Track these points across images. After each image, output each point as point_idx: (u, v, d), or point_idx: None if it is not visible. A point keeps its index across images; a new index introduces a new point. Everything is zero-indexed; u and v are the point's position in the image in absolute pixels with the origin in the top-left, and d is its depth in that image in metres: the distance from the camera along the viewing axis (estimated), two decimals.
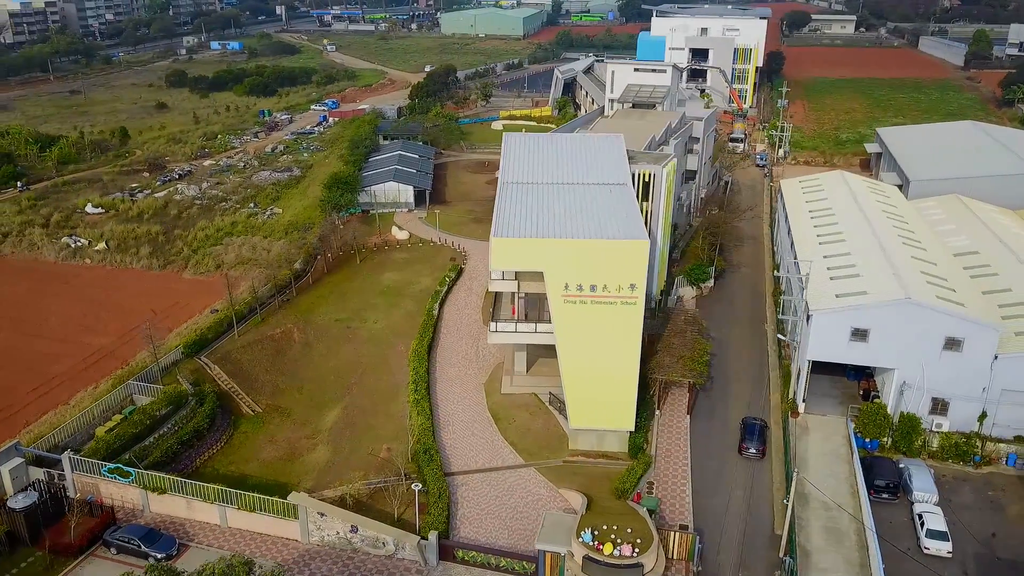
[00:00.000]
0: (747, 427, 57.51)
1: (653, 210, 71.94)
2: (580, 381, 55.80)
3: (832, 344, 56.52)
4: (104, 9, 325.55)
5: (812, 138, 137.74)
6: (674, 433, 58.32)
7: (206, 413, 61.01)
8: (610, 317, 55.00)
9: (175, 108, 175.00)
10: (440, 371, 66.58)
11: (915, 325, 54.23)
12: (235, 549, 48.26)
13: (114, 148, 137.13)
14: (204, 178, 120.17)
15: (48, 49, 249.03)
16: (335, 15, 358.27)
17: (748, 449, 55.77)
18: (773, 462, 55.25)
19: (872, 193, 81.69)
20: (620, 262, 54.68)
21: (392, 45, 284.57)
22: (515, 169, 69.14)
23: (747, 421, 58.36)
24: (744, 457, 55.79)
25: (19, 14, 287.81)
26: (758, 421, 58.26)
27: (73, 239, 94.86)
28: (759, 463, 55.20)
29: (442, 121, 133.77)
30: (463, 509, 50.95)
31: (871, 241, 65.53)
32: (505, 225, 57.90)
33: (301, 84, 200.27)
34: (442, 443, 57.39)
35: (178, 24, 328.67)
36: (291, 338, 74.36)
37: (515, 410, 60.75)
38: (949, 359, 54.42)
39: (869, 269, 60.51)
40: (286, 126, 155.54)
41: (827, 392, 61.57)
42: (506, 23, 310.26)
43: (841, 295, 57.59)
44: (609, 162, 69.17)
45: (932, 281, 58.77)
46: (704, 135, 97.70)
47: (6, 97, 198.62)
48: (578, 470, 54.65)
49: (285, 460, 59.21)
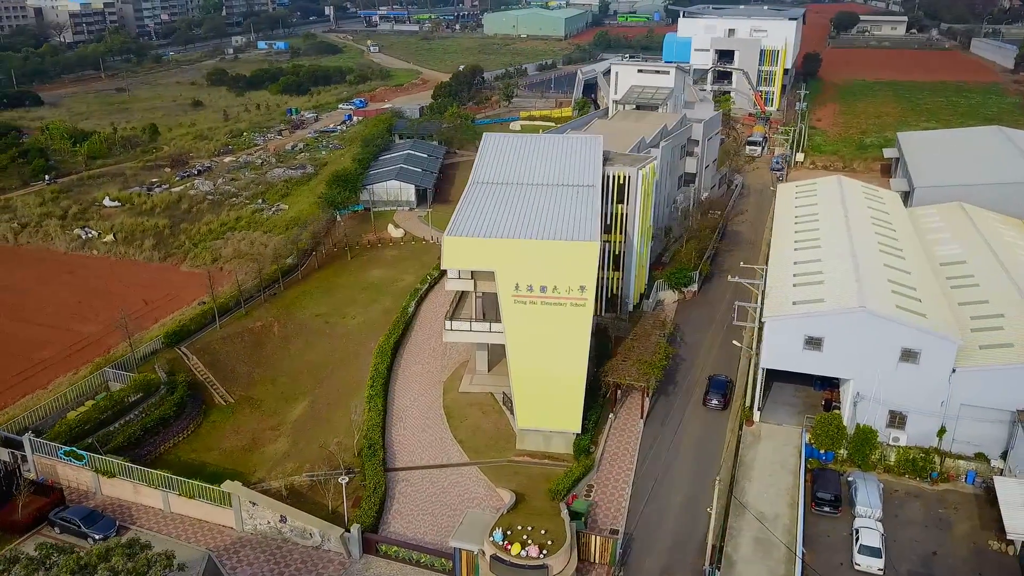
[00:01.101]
0: (713, 382, 62.77)
1: (629, 212, 71.42)
2: (528, 381, 55.88)
3: (786, 352, 55.37)
4: (160, 9, 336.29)
5: (834, 142, 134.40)
6: (625, 437, 57.85)
7: (173, 402, 62.87)
8: (559, 318, 54.98)
9: (210, 106, 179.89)
10: (404, 367, 67.29)
11: (870, 335, 52.76)
12: (173, 534, 49.81)
13: (143, 144, 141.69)
14: (221, 174, 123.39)
15: (102, 48, 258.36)
16: (382, 15, 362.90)
17: (711, 401, 61.24)
18: (722, 471, 54.31)
19: (866, 199, 79.50)
20: (570, 263, 54.64)
21: (433, 45, 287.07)
22: (488, 169, 69.55)
23: (713, 377, 63.63)
24: (708, 408, 61.05)
25: (79, 14, 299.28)
26: (723, 376, 63.38)
27: (85, 231, 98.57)
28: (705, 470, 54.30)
29: (455, 121, 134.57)
30: (398, 504, 51.51)
31: (845, 248, 63.86)
32: (460, 224, 58.34)
33: (335, 83, 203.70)
34: (391, 439, 58.09)
35: (230, 24, 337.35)
36: (270, 332, 75.98)
37: (469, 408, 61.04)
38: (906, 371, 52.80)
39: (834, 277, 59.03)
40: (311, 124, 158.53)
41: (788, 401, 60.29)
42: (548, 24, 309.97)
43: (798, 302, 56.35)
44: (582, 164, 68.92)
45: (898, 291, 57.04)
46: (705, 138, 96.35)
47: (57, 94, 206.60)
48: (520, 470, 54.67)
49: (245, 450, 60.66)
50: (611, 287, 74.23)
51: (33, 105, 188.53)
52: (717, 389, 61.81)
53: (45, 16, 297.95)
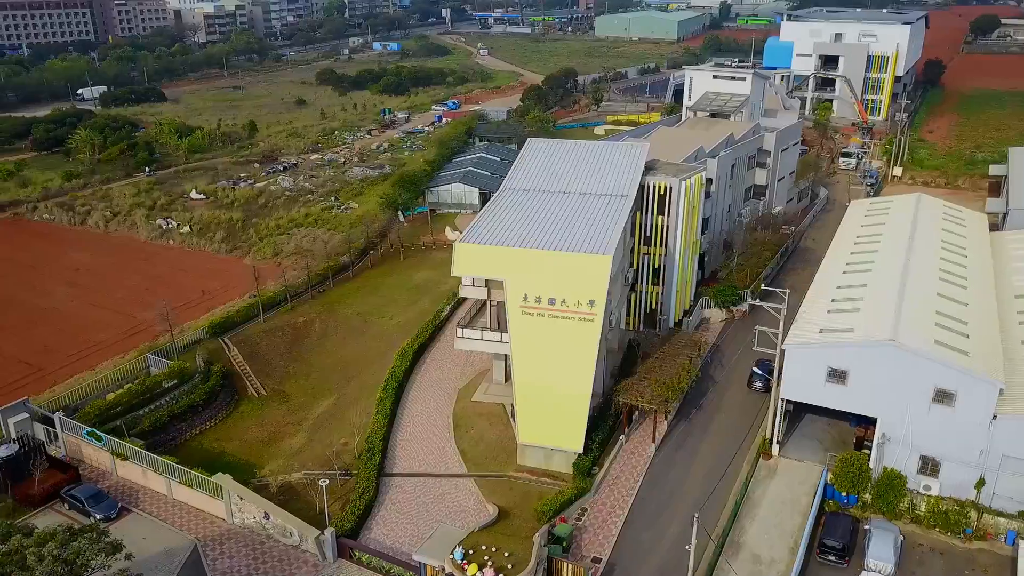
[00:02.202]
0: (760, 363, 63.29)
1: (670, 225, 68.37)
2: (532, 395, 54.34)
3: (808, 383, 51.24)
4: (287, 12, 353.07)
5: (940, 156, 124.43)
6: (633, 461, 55.19)
7: (204, 391, 65.10)
8: (567, 333, 53.28)
9: (312, 104, 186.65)
10: (425, 371, 67.01)
11: (900, 371, 48.02)
12: (169, 520, 51.43)
13: (241, 140, 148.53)
14: (304, 171, 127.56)
15: (227, 48, 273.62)
16: (496, 18, 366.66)
17: (755, 383, 63.08)
18: (727, 507, 50.70)
19: (943, 220, 72.79)
20: (580, 276, 52.89)
21: (541, 48, 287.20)
22: (523, 175, 68.31)
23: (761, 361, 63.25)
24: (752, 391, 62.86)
25: (212, 16, 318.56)
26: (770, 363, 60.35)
27: (167, 221, 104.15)
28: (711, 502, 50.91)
29: (536, 125, 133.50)
30: (385, 511, 51.15)
31: (897, 274, 58.51)
32: (475, 231, 57.55)
33: (435, 84, 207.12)
34: (395, 443, 57.84)
35: (350, 26, 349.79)
36: (311, 327, 77.60)
37: (477, 418, 60.00)
38: (939, 414, 47.73)
39: (873, 304, 54.16)
40: (401, 125, 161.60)
41: (816, 435, 55.88)
42: (660, 26, 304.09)
43: (826, 330, 52.01)
44: (620, 173, 66.60)
45: (944, 324, 51.67)
46: (778, 149, 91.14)
47: (181, 91, 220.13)
48: (516, 486, 53.16)
49: (265, 443, 62.02)
50: (650, 302, 71.37)
51: (157, 101, 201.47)
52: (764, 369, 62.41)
53: (183, 18, 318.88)
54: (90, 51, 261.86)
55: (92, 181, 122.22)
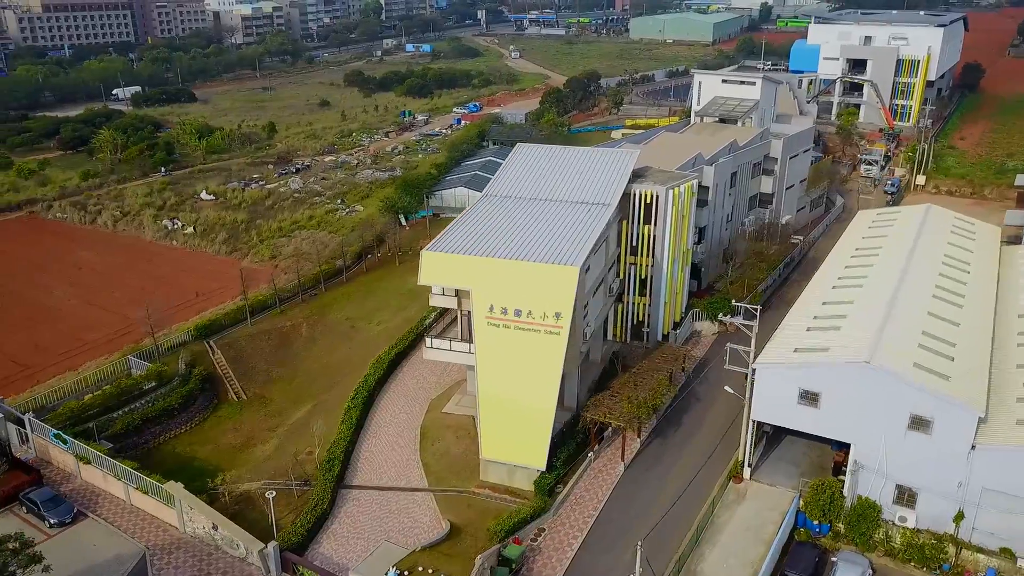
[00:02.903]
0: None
1: (657, 234, 66.22)
2: (495, 409, 52.85)
3: (779, 405, 48.81)
4: (323, 13, 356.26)
5: (968, 165, 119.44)
6: (600, 481, 53.26)
7: (181, 394, 64.93)
8: (532, 346, 51.73)
9: (336, 106, 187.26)
10: (400, 380, 65.90)
11: (875, 394, 45.39)
12: (124, 526, 50.99)
13: (260, 141, 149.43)
14: (317, 173, 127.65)
15: (261, 49, 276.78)
16: (531, 19, 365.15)
17: None
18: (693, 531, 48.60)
19: (951, 233, 69.31)
20: (547, 288, 51.29)
21: (573, 50, 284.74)
22: (506, 182, 66.89)
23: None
24: None
25: (250, 18, 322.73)
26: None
27: (173, 222, 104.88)
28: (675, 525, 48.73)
29: (549, 129, 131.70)
30: (338, 524, 50.07)
31: (888, 290, 55.58)
32: (445, 239, 56.30)
33: (460, 87, 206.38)
34: (358, 454, 56.78)
35: (386, 27, 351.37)
36: (299, 332, 77.05)
37: (445, 431, 58.63)
38: (916, 441, 44.99)
39: (856, 322, 51.43)
40: (421, 127, 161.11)
41: (793, 459, 53.27)
42: (695, 28, 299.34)
43: (801, 349, 49.48)
44: (605, 180, 64.72)
45: (929, 345, 48.79)
46: (786, 155, 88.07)
47: (212, 91, 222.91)
48: (475, 503, 51.69)
49: (237, 449, 61.56)
50: (637, 313, 69.28)
51: (187, 101, 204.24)
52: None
53: (222, 20, 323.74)
54: (129, 52, 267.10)
55: (108, 180, 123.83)
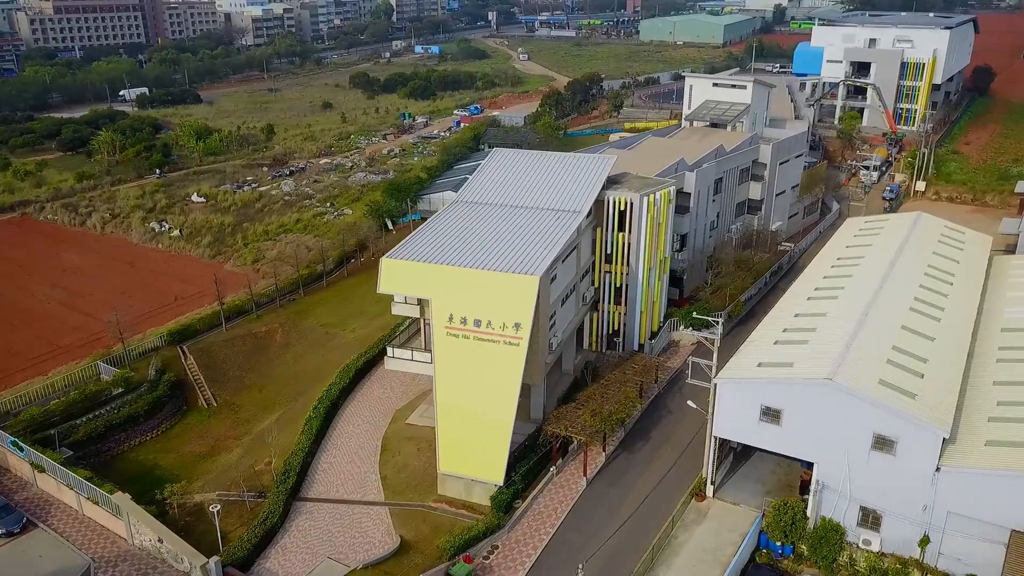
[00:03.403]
0: None
1: (632, 242, 64.69)
2: (453, 422, 51.59)
3: (740, 422, 47.16)
4: (334, 15, 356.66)
5: (971, 170, 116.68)
6: (560, 496, 51.80)
7: (148, 401, 64.20)
8: (491, 357, 50.50)
9: (339, 108, 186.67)
10: (366, 389, 64.73)
11: (837, 413, 43.67)
12: (72, 537, 50.12)
13: (257, 143, 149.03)
14: (311, 176, 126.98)
15: (270, 51, 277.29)
16: (542, 21, 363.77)
17: None
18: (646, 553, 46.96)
19: (938, 243, 67.21)
20: (507, 297, 50.05)
21: (582, 52, 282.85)
22: (479, 187, 65.61)
23: None
24: None
25: (260, 19, 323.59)
26: None
27: (161, 225, 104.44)
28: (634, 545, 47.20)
29: (544, 132, 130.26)
30: (288, 539, 48.94)
31: (863, 302, 53.75)
32: (408, 246, 55.19)
33: (464, 88, 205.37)
34: (317, 465, 55.65)
35: (397, 29, 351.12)
36: (273, 338, 76.18)
37: (407, 443, 57.40)
38: (880, 462, 43.23)
39: (826, 335, 49.65)
40: (420, 129, 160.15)
41: (760, 477, 51.59)
42: (706, 30, 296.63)
43: (765, 364, 47.80)
44: (578, 186, 63.31)
45: (899, 361, 46.95)
46: (775, 161, 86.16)
47: (217, 93, 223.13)
48: (431, 518, 50.43)
49: (200, 457, 60.76)
50: (612, 322, 67.77)
51: (192, 103, 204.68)
52: None
53: (233, 21, 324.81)
54: (139, 53, 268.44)
55: (103, 182, 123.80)
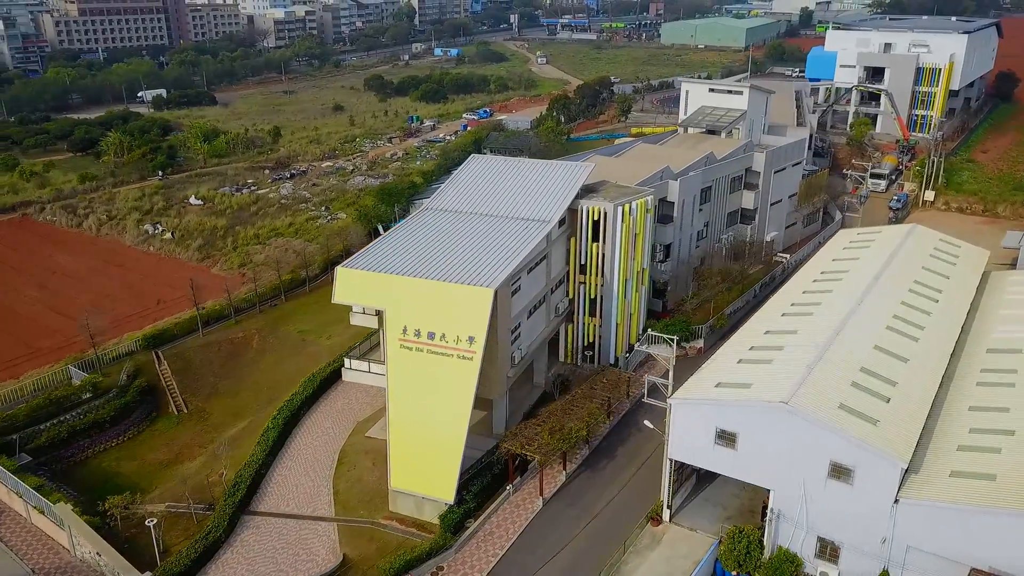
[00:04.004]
0: None
1: (606, 252, 62.84)
2: (405, 438, 50.20)
3: (696, 444, 45.14)
4: (356, 17, 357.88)
5: (986, 180, 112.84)
6: (514, 516, 50.12)
7: (115, 406, 63.69)
8: (444, 371, 49.12)
9: (350, 110, 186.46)
10: (330, 399, 63.44)
11: (793, 438, 41.53)
12: (19, 546, 49.53)
13: (263, 145, 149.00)
14: (311, 179, 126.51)
15: (288, 53, 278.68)
16: (564, 24, 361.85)
17: None
18: None
19: (929, 257, 64.48)
20: (461, 310, 48.65)
21: (602, 55, 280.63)
22: (451, 194, 64.29)
23: None
24: None
25: (282, 22, 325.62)
26: None
27: (155, 227, 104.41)
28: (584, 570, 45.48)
29: (548, 136, 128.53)
30: (230, 554, 47.86)
31: (837, 319, 51.40)
32: (366, 255, 54.12)
33: (476, 92, 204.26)
34: (271, 478, 54.56)
35: (419, 32, 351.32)
36: (250, 344, 75.38)
37: (364, 456, 56.08)
38: (837, 491, 41.00)
39: (791, 355, 47.42)
40: (427, 133, 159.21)
41: (722, 500, 49.49)
42: (727, 34, 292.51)
43: (724, 384, 45.72)
44: (551, 195, 61.71)
45: (865, 384, 44.62)
46: (770, 169, 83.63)
47: (234, 95, 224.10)
48: (379, 536, 49.07)
49: (163, 465, 60.09)
50: (587, 334, 65.95)
51: (208, 104, 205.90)
52: None
53: (255, 23, 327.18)
54: (160, 55, 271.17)
55: (105, 184, 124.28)
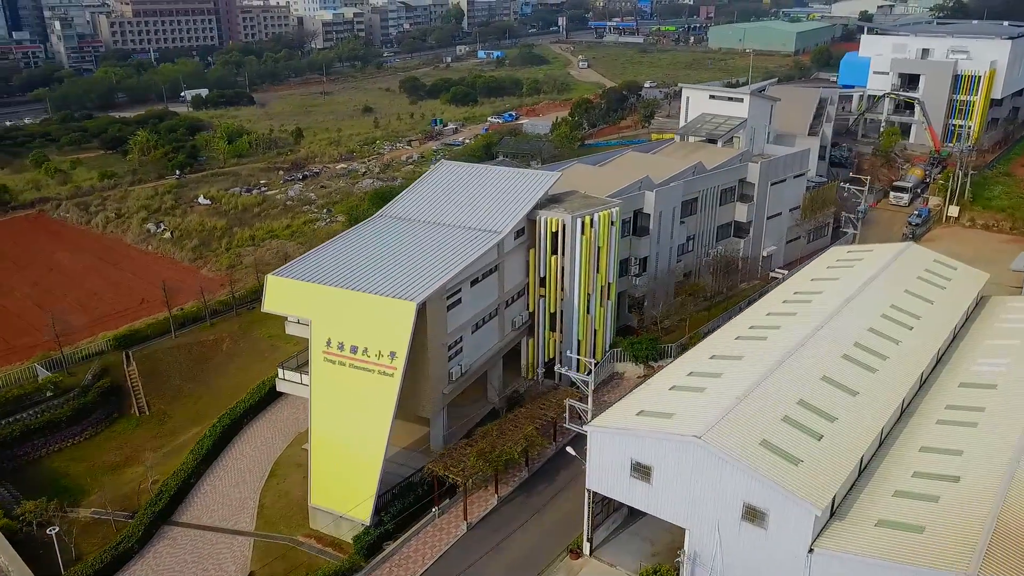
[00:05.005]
0: None
1: (565, 265, 60.24)
2: (326, 454, 48.74)
3: (612, 475, 42.38)
4: (404, 19, 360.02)
5: (1019, 196, 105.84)
6: (434, 541, 48.00)
7: (74, 406, 63.98)
8: (365, 386, 47.54)
9: (379, 112, 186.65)
10: (277, 408, 62.44)
11: (707, 476, 38.49)
12: None
13: (284, 146, 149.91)
14: (323, 181, 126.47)
15: (331, 54, 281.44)
16: (611, 27, 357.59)
17: None
18: None
19: (917, 280, 60.03)
20: (383, 323, 46.97)
21: (645, 59, 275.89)
22: (410, 201, 62.81)
23: None
24: None
25: (330, 23, 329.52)
26: None
27: (158, 226, 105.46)
28: None
29: (559, 141, 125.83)
30: (140, 565, 47.14)
31: (789, 345, 47.89)
32: (301, 262, 52.85)
33: (509, 94, 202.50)
34: (200, 487, 53.62)
35: (467, 33, 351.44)
36: (219, 347, 74.98)
37: (297, 469, 54.65)
38: (751, 535, 37.82)
39: (726, 383, 44.16)
40: (449, 136, 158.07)
41: (651, 535, 46.38)
42: (777, 38, 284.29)
43: (647, 412, 42.78)
44: (507, 205, 59.53)
45: (799, 418, 41.17)
46: (766, 181, 79.57)
47: (273, 95, 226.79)
48: (292, 554, 47.61)
49: (112, 468, 60.11)
50: (548, 350, 63.41)
51: (246, 105, 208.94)
52: None
53: (305, 25, 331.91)
54: (208, 56, 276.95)
55: (123, 182, 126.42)
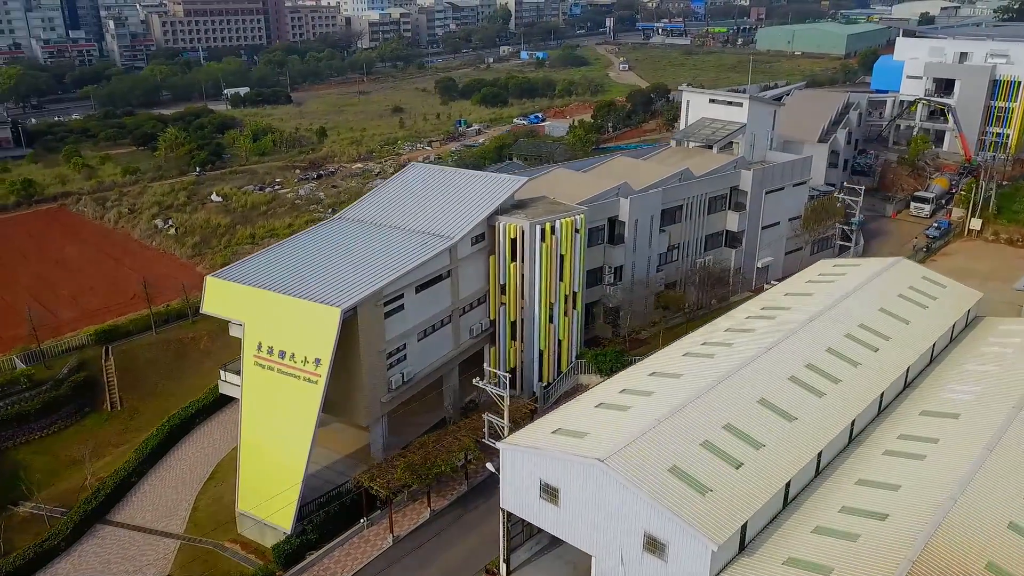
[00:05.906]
0: None
1: (526, 273, 58.52)
2: (254, 459, 48.15)
3: (523, 496, 40.55)
4: (450, 19, 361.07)
5: None
6: (358, 554, 46.91)
7: (43, 399, 64.98)
8: (290, 392, 46.84)
9: (409, 113, 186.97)
10: (232, 410, 61.65)
11: (610, 502, 36.45)
12: None
13: (307, 145, 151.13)
14: (337, 180, 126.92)
15: (374, 54, 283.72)
16: (659, 28, 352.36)
17: None
18: None
19: (897, 298, 56.49)
20: (309, 329, 46.21)
21: (688, 61, 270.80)
22: (371, 203, 61.89)
23: None
24: None
25: (377, 23, 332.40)
26: None
27: (166, 222, 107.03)
28: None
29: (573, 144, 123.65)
30: (64, 564, 47.29)
31: (731, 363, 45.35)
32: (245, 263, 52.49)
33: (540, 96, 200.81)
34: (141, 486, 53.63)
35: (512, 33, 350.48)
36: (198, 345, 75.32)
37: None
38: (653, 568, 35.65)
39: (653, 403, 41.90)
40: (471, 137, 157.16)
41: (577, 559, 44.15)
42: (827, 40, 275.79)
43: (562, 431, 40.80)
44: (466, 210, 58.19)
45: (722, 443, 38.73)
46: (760, 190, 76.35)
47: (311, 94, 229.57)
48: (215, 560, 47.14)
49: (72, 463, 60.57)
50: (510, 359, 61.76)
51: (283, 103, 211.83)
52: None
53: (352, 25, 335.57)
54: (255, 55, 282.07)
55: (144, 178, 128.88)
